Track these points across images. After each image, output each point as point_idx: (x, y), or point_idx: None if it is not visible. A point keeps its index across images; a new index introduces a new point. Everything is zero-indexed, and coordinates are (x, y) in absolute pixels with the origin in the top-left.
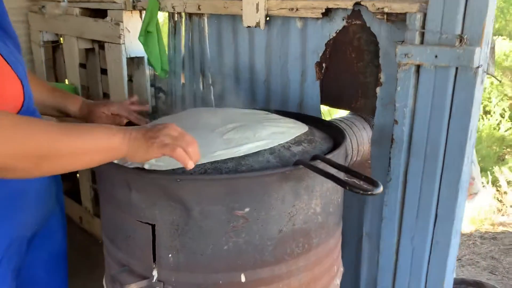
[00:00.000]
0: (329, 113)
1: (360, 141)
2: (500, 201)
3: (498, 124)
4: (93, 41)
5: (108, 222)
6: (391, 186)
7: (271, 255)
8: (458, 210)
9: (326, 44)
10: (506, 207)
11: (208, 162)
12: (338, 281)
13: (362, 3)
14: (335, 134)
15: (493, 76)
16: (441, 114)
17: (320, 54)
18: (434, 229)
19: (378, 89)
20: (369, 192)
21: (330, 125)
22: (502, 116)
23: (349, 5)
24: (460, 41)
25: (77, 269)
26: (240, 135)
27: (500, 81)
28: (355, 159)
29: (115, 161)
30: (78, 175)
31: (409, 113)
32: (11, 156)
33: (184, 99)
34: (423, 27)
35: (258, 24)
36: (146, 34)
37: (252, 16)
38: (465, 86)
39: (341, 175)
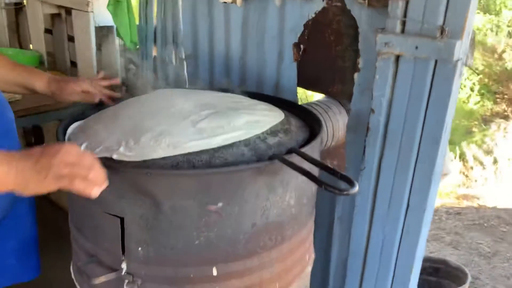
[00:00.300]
0: (305, 95)
1: (335, 126)
2: (467, 176)
3: (467, 98)
4: (59, 6)
5: (74, 210)
6: (365, 174)
7: (243, 248)
8: (430, 201)
9: (304, 25)
10: (471, 181)
11: (180, 154)
12: (309, 269)
13: None
14: (311, 122)
15: (471, 69)
16: (418, 105)
17: (298, 35)
18: (405, 218)
19: (356, 75)
20: (345, 192)
21: (306, 112)
22: (471, 90)
23: None
24: (441, 32)
25: (47, 246)
26: (214, 124)
27: (478, 74)
28: (330, 144)
29: (82, 148)
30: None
31: (386, 103)
32: None
33: (156, 72)
34: (404, 15)
35: (234, 1)
36: (115, 3)
37: None
38: (443, 79)
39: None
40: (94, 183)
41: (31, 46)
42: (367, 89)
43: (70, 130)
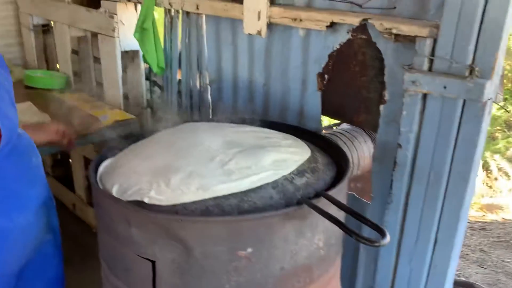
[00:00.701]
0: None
1: (361, 155)
2: (490, 187)
3: None
4: (85, 29)
5: (105, 248)
6: (392, 208)
7: None
8: (458, 236)
9: (329, 55)
10: (495, 192)
11: (210, 198)
12: None
13: (369, 21)
14: (338, 157)
15: (500, 106)
16: (446, 142)
17: (323, 65)
18: (433, 253)
19: (381, 107)
20: (376, 244)
21: (332, 145)
22: None
23: (356, 21)
24: (471, 72)
25: (70, 259)
26: (241, 165)
27: (508, 111)
28: (355, 172)
29: (114, 194)
30: (70, 160)
31: (414, 139)
32: None
33: (181, 96)
34: (432, 53)
35: (259, 33)
36: (142, 31)
37: (253, 23)
38: (472, 118)
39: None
40: None
41: (57, 65)
42: (393, 121)
43: (101, 169)
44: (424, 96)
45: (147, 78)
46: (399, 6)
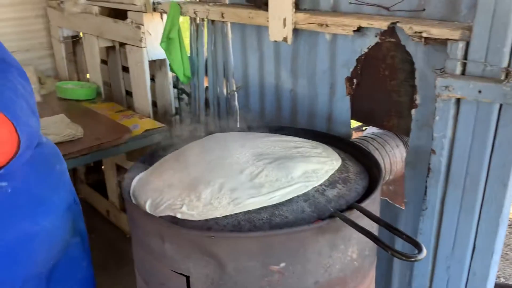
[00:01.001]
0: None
1: (393, 160)
2: None
3: None
4: (113, 40)
5: (141, 263)
6: (427, 215)
7: None
8: (498, 243)
9: (357, 60)
10: None
11: (241, 212)
12: None
13: (398, 24)
14: (370, 164)
15: None
16: (482, 147)
17: (351, 69)
18: (471, 260)
19: (413, 111)
20: (412, 259)
21: (363, 152)
22: None
23: (384, 25)
24: (507, 75)
25: (104, 265)
26: (271, 178)
27: None
28: (387, 178)
29: (147, 209)
30: (103, 167)
31: (448, 144)
32: None
33: (208, 103)
34: (465, 57)
35: (285, 39)
36: (168, 41)
37: (279, 31)
38: (510, 122)
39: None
40: None
41: (87, 75)
42: (426, 125)
43: (134, 182)
44: (458, 100)
45: (175, 86)
46: (429, 8)
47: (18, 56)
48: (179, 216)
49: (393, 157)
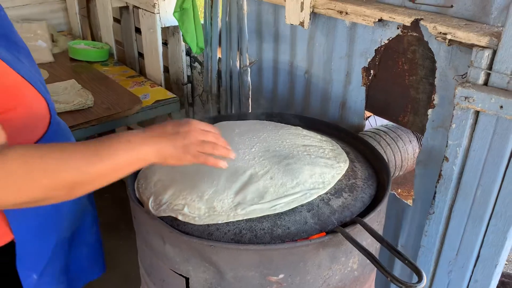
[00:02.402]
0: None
1: (404, 156)
2: None
3: None
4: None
5: (144, 257)
6: (434, 218)
7: None
8: (503, 255)
9: (376, 50)
10: None
11: (243, 220)
12: None
13: (421, 22)
14: (379, 167)
15: None
16: (498, 161)
17: (369, 60)
18: (474, 268)
19: (430, 111)
20: None
21: (374, 154)
22: None
23: (407, 21)
24: None
25: (117, 224)
26: (276, 182)
27: None
28: (397, 174)
29: (150, 207)
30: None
31: (462, 153)
32: (43, 189)
33: (220, 75)
34: (490, 67)
35: (302, 24)
36: (182, 11)
37: (295, 14)
38: None
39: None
40: (222, 156)
41: (100, 33)
42: (441, 127)
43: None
44: (477, 111)
45: (188, 54)
46: (457, 5)
47: (31, 9)
48: (180, 218)
49: (404, 153)
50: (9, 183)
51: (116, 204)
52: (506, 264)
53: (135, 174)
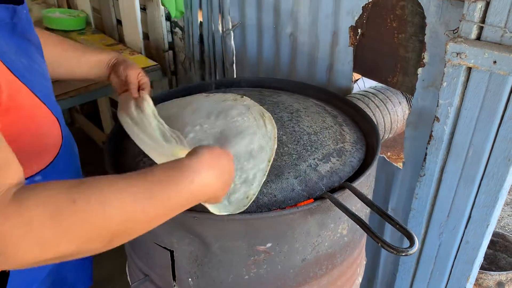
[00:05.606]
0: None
1: (393, 118)
2: None
3: None
4: None
5: None
6: (424, 181)
7: (293, 281)
8: (494, 215)
9: (363, 7)
10: None
11: None
12: (360, 279)
13: None
14: (368, 130)
15: None
16: (490, 120)
17: (356, 18)
18: (465, 229)
19: (420, 70)
20: (404, 254)
21: (364, 116)
22: None
23: None
24: None
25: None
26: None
27: None
28: (387, 136)
29: None
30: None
31: (454, 113)
32: (75, 242)
33: (202, 39)
34: (483, 20)
35: None
36: None
37: None
38: None
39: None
40: None
41: (76, 1)
42: (432, 86)
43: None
44: (469, 68)
45: (168, 19)
46: None
47: None
48: None
49: (394, 115)
50: (29, 237)
51: (99, 173)
52: None
53: (116, 149)
